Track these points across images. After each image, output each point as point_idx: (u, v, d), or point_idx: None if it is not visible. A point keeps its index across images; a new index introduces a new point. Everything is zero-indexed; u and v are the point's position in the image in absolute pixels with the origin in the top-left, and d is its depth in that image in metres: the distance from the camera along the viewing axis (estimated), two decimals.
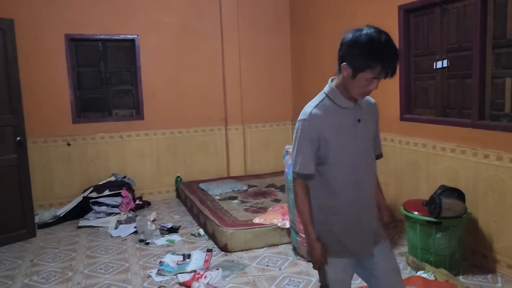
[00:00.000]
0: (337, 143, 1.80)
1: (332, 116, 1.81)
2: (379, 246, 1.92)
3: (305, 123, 1.83)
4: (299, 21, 6.17)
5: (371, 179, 1.93)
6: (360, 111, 1.86)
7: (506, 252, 3.23)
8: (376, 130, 1.97)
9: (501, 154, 3.19)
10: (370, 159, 1.91)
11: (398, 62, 1.72)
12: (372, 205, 1.93)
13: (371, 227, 1.91)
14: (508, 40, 3.18)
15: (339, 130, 1.81)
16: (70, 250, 4.14)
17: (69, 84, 5.40)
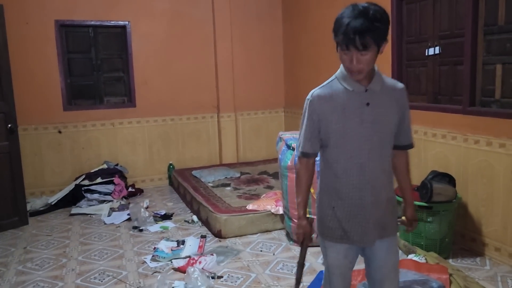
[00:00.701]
0: (340, 125, 1.76)
1: (337, 98, 1.76)
2: (385, 241, 1.86)
3: (307, 103, 1.86)
4: (291, 8, 6.15)
5: (378, 167, 1.80)
6: (372, 94, 1.74)
7: (494, 235, 3.30)
8: (399, 117, 1.81)
9: (491, 140, 3.24)
10: (380, 146, 1.78)
11: (365, 34, 1.58)
12: (379, 194, 1.81)
13: (377, 217, 1.81)
14: (499, 27, 3.21)
15: (344, 113, 1.75)
16: (63, 237, 4.14)
17: (60, 71, 5.34)
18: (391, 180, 1.89)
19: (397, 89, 1.82)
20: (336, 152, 1.81)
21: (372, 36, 1.59)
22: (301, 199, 1.94)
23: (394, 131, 1.82)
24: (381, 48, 1.67)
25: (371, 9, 1.60)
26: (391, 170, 1.88)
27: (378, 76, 1.77)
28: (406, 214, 2.01)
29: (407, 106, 1.86)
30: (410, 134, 1.92)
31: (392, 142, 1.84)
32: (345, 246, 1.87)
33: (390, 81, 1.84)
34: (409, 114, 1.88)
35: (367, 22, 1.58)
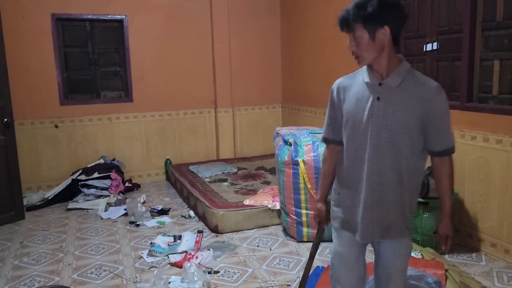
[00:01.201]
0: (351, 116, 1.78)
1: (354, 88, 1.79)
2: (393, 243, 1.84)
3: (331, 90, 1.90)
4: (289, 3, 6.12)
5: (387, 165, 1.73)
6: (386, 89, 1.70)
7: (490, 231, 3.31)
8: (421, 118, 1.68)
9: (488, 136, 3.25)
10: (391, 144, 1.71)
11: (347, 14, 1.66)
12: (382, 193, 1.76)
13: (378, 216, 1.78)
14: (497, 23, 3.21)
15: (356, 104, 1.76)
16: (60, 232, 4.13)
17: (56, 65, 5.31)
18: (407, 183, 1.76)
19: (424, 88, 1.68)
20: (347, 142, 1.83)
21: (353, 17, 1.64)
22: (320, 183, 2.02)
23: (415, 131, 1.70)
24: (376, 34, 1.64)
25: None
26: (411, 173, 1.75)
27: (400, 71, 1.70)
28: (438, 227, 1.87)
29: (437, 107, 1.68)
30: (442, 139, 1.73)
31: (415, 143, 1.72)
32: (349, 235, 1.89)
33: (421, 79, 1.72)
34: (442, 117, 1.70)
35: (353, 4, 1.66)
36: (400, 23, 1.70)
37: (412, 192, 1.81)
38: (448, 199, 1.82)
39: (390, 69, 1.70)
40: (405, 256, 1.89)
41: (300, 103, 6.04)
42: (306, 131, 3.92)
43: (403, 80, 1.69)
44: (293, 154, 3.64)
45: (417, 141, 1.73)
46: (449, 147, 1.75)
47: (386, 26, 1.64)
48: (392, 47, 1.70)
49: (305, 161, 3.59)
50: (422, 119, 1.69)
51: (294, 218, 3.69)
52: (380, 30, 1.64)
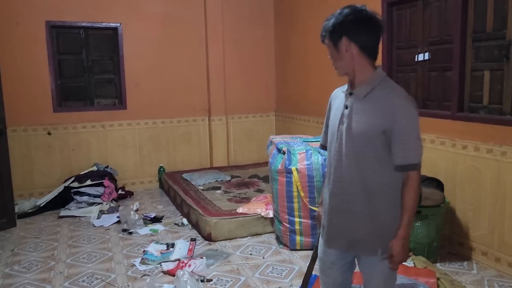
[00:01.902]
0: (330, 124, 1.88)
1: (339, 98, 1.86)
2: (368, 261, 1.81)
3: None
4: (283, 12, 6.18)
5: (353, 176, 1.73)
6: (354, 99, 1.74)
7: (481, 240, 3.34)
8: (383, 130, 1.66)
9: (479, 145, 3.28)
10: (356, 154, 1.71)
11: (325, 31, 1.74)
12: (348, 203, 1.75)
13: (344, 227, 1.78)
14: (488, 34, 3.26)
15: (335, 113, 1.84)
16: (52, 239, 4.10)
17: (50, 72, 5.31)
18: (376, 197, 1.73)
19: (389, 100, 1.67)
20: (328, 148, 1.91)
21: (324, 32, 1.75)
22: (323, 188, 2.04)
23: (378, 143, 1.68)
24: (338, 45, 1.71)
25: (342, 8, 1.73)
26: (381, 186, 1.72)
27: (371, 82, 1.71)
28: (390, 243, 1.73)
29: (400, 121, 1.64)
30: (403, 154, 1.66)
31: (380, 155, 1.70)
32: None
33: (387, 89, 1.70)
34: (404, 131, 1.65)
35: (326, 20, 1.75)
36: (365, 36, 1.70)
37: (389, 209, 1.74)
38: (405, 218, 1.70)
39: (360, 79, 1.74)
40: (380, 277, 1.80)
41: (294, 112, 6.07)
42: (300, 140, 3.94)
43: (371, 90, 1.70)
44: (287, 162, 3.66)
45: (382, 153, 1.69)
46: (409, 163, 1.67)
47: (345, 37, 1.69)
48: (363, 58, 1.72)
49: (298, 170, 3.61)
50: (385, 130, 1.66)
51: (287, 226, 3.70)
52: (340, 42, 1.71)
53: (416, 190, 1.71)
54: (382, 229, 1.75)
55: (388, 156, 1.70)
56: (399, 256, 1.71)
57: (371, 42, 1.72)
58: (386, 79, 1.75)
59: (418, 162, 1.69)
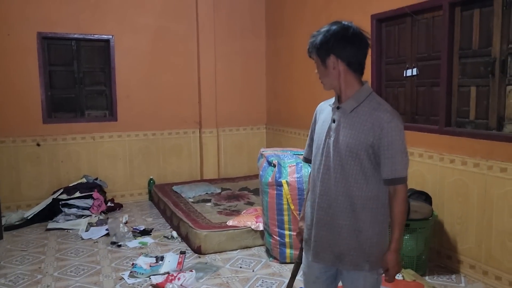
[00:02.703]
0: (316, 137, 1.90)
1: (325, 112, 1.89)
2: (351, 275, 1.82)
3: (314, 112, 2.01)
4: (274, 26, 6.26)
5: (338, 189, 1.75)
6: (342, 113, 1.76)
7: (469, 253, 3.37)
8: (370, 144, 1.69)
9: (466, 159, 3.34)
10: (342, 168, 1.73)
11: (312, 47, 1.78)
12: (333, 217, 1.77)
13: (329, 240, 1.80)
14: (474, 51, 3.34)
15: (321, 126, 1.86)
16: (39, 252, 4.05)
17: (41, 83, 5.29)
18: (362, 211, 1.74)
19: (378, 115, 1.69)
20: (312, 161, 1.93)
21: (310, 47, 1.79)
22: (304, 202, 2.06)
23: (365, 157, 1.70)
24: (326, 62, 1.74)
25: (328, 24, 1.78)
26: (365, 200, 1.74)
27: (358, 97, 1.74)
28: (383, 257, 1.78)
29: (387, 135, 1.67)
30: (391, 168, 1.69)
31: (366, 169, 1.72)
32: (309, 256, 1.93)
33: (377, 105, 1.72)
34: (392, 145, 1.68)
35: (313, 36, 1.79)
36: (352, 53, 1.72)
37: (372, 224, 1.75)
38: (396, 232, 1.74)
39: (347, 94, 1.77)
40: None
41: (284, 125, 6.11)
42: (290, 153, 3.97)
43: (358, 105, 1.74)
44: (277, 175, 3.68)
45: (369, 167, 1.72)
46: (397, 177, 1.70)
47: (333, 55, 1.73)
48: (350, 74, 1.75)
49: (288, 182, 3.62)
50: (372, 145, 1.69)
51: (277, 239, 3.70)
52: (328, 58, 1.74)
53: (405, 203, 1.76)
54: (366, 244, 1.76)
55: (373, 170, 1.73)
56: (395, 268, 1.75)
57: (358, 59, 1.75)
58: (373, 95, 1.78)
59: (405, 176, 1.74)
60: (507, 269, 3.08)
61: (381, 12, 4.08)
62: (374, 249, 1.77)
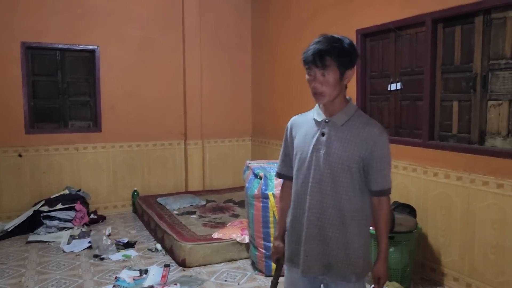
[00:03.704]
0: (298, 151, 1.87)
1: (305, 125, 1.88)
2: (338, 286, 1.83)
3: (286, 127, 1.99)
4: (260, 39, 6.31)
5: (328, 202, 1.76)
6: (332, 126, 1.78)
7: (452, 265, 3.41)
8: (362, 157, 1.74)
9: (449, 173, 3.39)
10: (333, 180, 1.75)
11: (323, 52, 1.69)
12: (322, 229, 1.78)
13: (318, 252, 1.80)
14: (456, 67, 3.42)
15: (304, 139, 1.85)
16: (19, 266, 3.95)
17: (24, 93, 5.22)
18: (350, 223, 1.77)
19: (369, 129, 1.75)
20: (295, 175, 1.90)
21: (329, 55, 1.69)
22: (278, 220, 2.05)
23: (356, 170, 1.74)
24: (345, 74, 1.74)
25: (332, 35, 1.75)
26: (353, 213, 1.77)
27: (348, 111, 1.79)
28: (373, 268, 1.84)
29: (379, 149, 1.74)
30: (381, 179, 1.76)
31: (356, 181, 1.76)
32: (295, 272, 1.90)
33: (366, 120, 1.79)
34: (383, 158, 1.75)
35: (326, 42, 1.71)
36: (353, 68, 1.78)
37: (359, 235, 1.79)
38: (384, 242, 1.81)
39: (338, 107, 1.80)
40: None
41: (270, 137, 6.13)
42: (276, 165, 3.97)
43: (349, 119, 1.78)
44: (263, 187, 3.68)
45: (358, 179, 1.76)
46: (386, 188, 1.79)
47: (353, 68, 1.76)
48: (344, 88, 1.80)
49: (275, 195, 3.62)
50: (364, 158, 1.74)
51: (263, 252, 3.68)
52: (349, 71, 1.75)
53: (390, 214, 1.86)
54: (353, 255, 1.79)
55: (361, 182, 1.78)
56: (385, 277, 1.83)
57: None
58: (359, 110, 1.85)
59: (391, 187, 1.83)
60: (489, 282, 3.12)
61: (365, 27, 4.16)
62: (360, 261, 1.80)
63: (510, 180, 2.95)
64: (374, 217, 1.83)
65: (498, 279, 3.06)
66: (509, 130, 3.07)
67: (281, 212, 2.04)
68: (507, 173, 2.98)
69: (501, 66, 3.08)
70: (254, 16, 6.47)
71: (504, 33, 3.06)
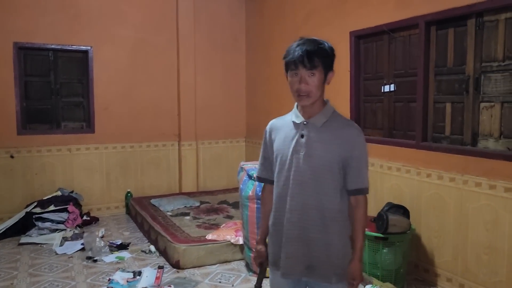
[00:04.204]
0: (278, 154, 1.87)
1: (284, 128, 1.89)
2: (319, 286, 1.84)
3: (265, 131, 1.99)
4: (255, 41, 6.32)
5: (310, 203, 1.77)
6: (311, 128, 1.79)
7: (446, 266, 3.43)
8: (342, 157, 1.76)
9: (442, 174, 3.41)
10: (315, 181, 1.76)
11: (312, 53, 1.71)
12: (304, 230, 1.79)
13: (302, 253, 1.81)
14: (449, 69, 3.45)
15: (283, 142, 1.85)
16: (11, 268, 3.92)
17: (16, 93, 5.18)
18: (331, 224, 1.78)
19: (347, 130, 1.79)
20: (276, 178, 1.90)
21: (318, 57, 1.73)
22: (260, 224, 2.04)
23: (336, 170, 1.76)
24: (328, 77, 1.78)
25: (316, 38, 1.79)
26: (334, 213, 1.78)
27: (326, 112, 1.82)
28: (347, 268, 1.83)
29: (358, 149, 1.78)
30: (359, 179, 1.79)
31: (337, 182, 1.78)
32: (277, 274, 1.89)
33: (342, 120, 1.83)
34: (361, 158, 1.79)
35: (314, 44, 1.74)
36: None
37: (340, 236, 1.80)
38: (359, 241, 1.82)
39: (316, 109, 1.82)
40: None
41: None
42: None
43: (327, 120, 1.80)
44: (258, 189, 3.67)
45: (338, 179, 1.79)
46: (363, 187, 1.81)
47: (333, 71, 1.81)
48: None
49: None
50: (343, 158, 1.77)
51: None
52: (330, 73, 1.80)
53: (366, 213, 1.86)
54: (335, 256, 1.81)
55: (341, 182, 1.80)
56: (360, 277, 1.83)
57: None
58: (336, 111, 1.87)
59: (368, 186, 1.85)
60: (482, 282, 3.14)
61: (359, 29, 4.18)
62: (341, 261, 1.82)
63: (503, 181, 2.98)
64: (352, 217, 1.85)
65: (491, 279, 3.08)
66: (501, 132, 3.10)
67: (263, 216, 2.03)
68: (499, 174, 3.00)
69: (493, 68, 3.11)
70: (248, 18, 6.47)
71: (496, 35, 3.08)
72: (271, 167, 1.94)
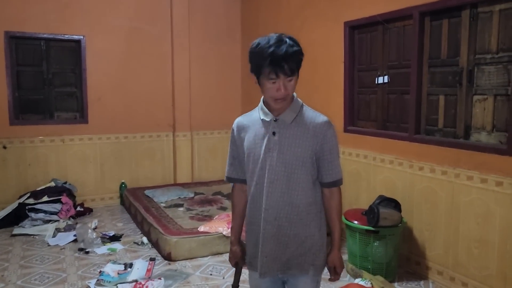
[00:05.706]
0: (250, 153, 1.83)
1: (252, 126, 1.84)
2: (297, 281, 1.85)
3: (231, 129, 1.95)
4: (250, 30, 6.24)
5: (284, 199, 1.76)
6: (281, 124, 1.76)
7: (437, 259, 3.42)
8: (314, 151, 1.76)
9: (434, 167, 3.39)
10: (288, 178, 1.75)
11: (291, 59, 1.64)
12: (280, 227, 1.78)
13: (276, 251, 1.80)
14: (442, 61, 3.40)
15: (254, 140, 1.81)
16: (2, 259, 3.91)
17: (8, 83, 5.13)
18: (307, 217, 1.79)
19: (316, 123, 1.76)
20: (248, 178, 1.87)
21: (296, 61, 1.67)
22: (232, 225, 2.01)
23: (309, 164, 1.76)
24: (297, 74, 1.73)
25: (285, 36, 1.71)
26: (309, 207, 1.79)
27: (294, 107, 1.78)
28: (327, 258, 1.87)
29: (329, 141, 1.77)
30: (332, 171, 1.79)
31: (310, 175, 1.78)
32: (255, 275, 1.89)
33: (311, 113, 1.80)
34: (332, 150, 1.78)
35: (290, 48, 1.65)
36: None
37: (315, 228, 1.81)
38: (337, 230, 1.85)
39: (287, 105, 1.78)
40: None
41: None
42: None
43: (296, 115, 1.78)
44: None
45: (312, 173, 1.78)
46: (338, 179, 1.82)
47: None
48: None
49: None
50: (315, 151, 1.76)
51: None
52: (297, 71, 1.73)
53: (341, 202, 1.87)
54: (312, 249, 1.82)
55: (314, 175, 1.80)
56: (342, 266, 1.87)
57: None
58: (304, 105, 1.84)
59: (342, 178, 1.84)
60: (473, 276, 3.13)
61: (354, 19, 4.12)
62: (319, 253, 1.84)
63: (494, 175, 2.95)
64: (325, 207, 1.85)
65: (482, 273, 3.07)
66: (493, 125, 3.06)
67: (234, 216, 2.00)
68: (491, 168, 2.98)
69: (487, 60, 3.07)
70: (243, 7, 6.39)
71: (490, 27, 3.03)
72: (241, 166, 1.91)
